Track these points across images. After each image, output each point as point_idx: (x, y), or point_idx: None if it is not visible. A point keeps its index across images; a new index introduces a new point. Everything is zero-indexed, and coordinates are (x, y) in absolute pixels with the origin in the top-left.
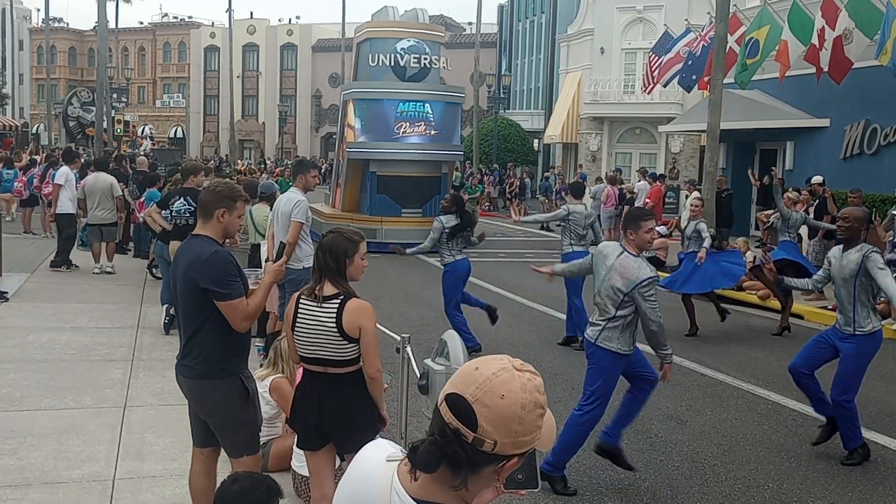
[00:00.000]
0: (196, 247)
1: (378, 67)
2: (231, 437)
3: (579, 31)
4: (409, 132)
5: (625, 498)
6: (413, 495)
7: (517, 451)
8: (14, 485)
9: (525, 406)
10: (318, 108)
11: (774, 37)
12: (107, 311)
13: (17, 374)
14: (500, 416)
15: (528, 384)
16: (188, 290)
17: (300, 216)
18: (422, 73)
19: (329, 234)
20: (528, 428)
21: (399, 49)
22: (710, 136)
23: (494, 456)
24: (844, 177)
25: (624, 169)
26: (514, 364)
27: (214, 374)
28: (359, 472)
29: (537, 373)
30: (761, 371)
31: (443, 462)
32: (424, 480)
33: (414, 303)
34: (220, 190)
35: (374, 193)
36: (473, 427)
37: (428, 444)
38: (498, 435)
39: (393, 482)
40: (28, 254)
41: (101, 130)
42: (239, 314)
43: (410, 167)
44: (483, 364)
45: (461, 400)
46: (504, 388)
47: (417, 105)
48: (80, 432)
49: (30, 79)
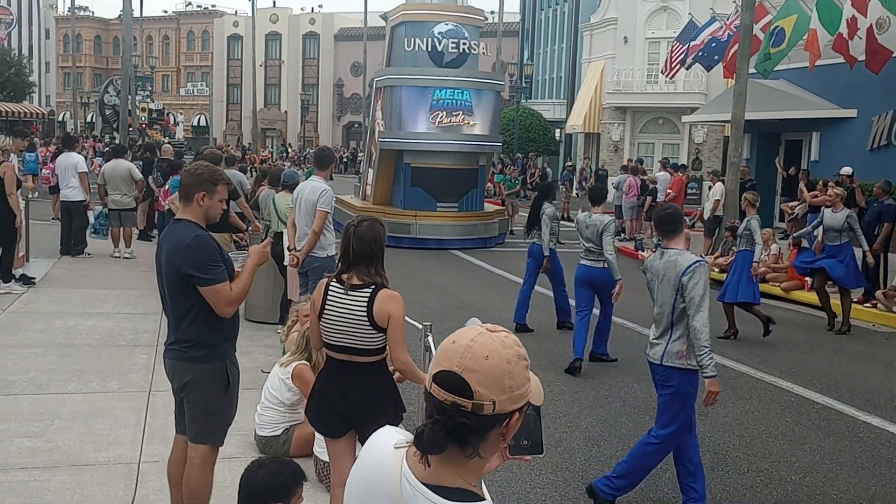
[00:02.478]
0: (178, 232)
1: (414, 52)
2: (199, 423)
3: (602, 19)
4: (445, 122)
5: (646, 488)
6: (425, 482)
7: (516, 406)
8: (42, 466)
9: (510, 360)
10: (340, 97)
11: (802, 26)
12: (132, 297)
13: (44, 358)
14: (490, 375)
15: (506, 340)
16: (172, 275)
17: (326, 205)
18: (460, 58)
19: (364, 223)
20: (519, 380)
21: (436, 33)
22: (734, 126)
23: (497, 416)
24: (872, 168)
25: (646, 160)
26: (487, 328)
27: (201, 357)
28: (371, 458)
29: (510, 332)
30: (784, 363)
31: (449, 438)
32: (435, 465)
33: (434, 292)
34: (200, 173)
35: (407, 186)
36: (469, 395)
37: (430, 425)
38: (494, 394)
39: (403, 470)
40: (55, 240)
41: (125, 118)
42: (222, 299)
43: (447, 158)
44: (458, 336)
45: (450, 374)
46: (486, 350)
47: (455, 92)
48: (107, 416)
49: (56, 67)
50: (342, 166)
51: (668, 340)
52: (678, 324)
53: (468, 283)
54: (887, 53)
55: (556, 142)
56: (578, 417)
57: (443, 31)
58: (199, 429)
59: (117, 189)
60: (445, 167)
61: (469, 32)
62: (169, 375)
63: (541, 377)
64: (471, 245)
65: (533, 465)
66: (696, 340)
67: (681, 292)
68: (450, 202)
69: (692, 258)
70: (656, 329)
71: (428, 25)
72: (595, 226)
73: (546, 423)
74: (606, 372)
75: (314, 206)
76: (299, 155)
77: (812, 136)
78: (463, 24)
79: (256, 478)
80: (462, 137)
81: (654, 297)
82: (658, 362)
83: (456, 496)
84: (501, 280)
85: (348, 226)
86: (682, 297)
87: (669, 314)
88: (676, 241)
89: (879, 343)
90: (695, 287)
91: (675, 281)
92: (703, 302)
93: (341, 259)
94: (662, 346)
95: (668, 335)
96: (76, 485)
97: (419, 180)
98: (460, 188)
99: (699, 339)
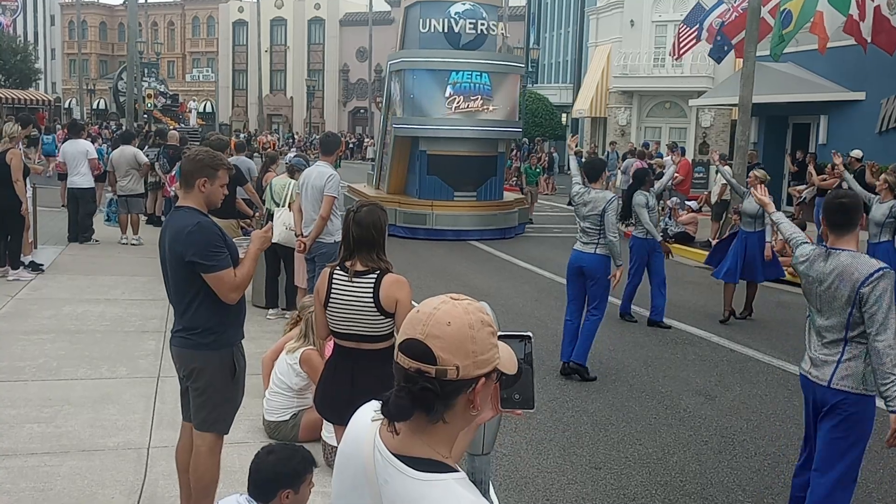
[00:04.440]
0: (180, 219)
1: (429, 34)
2: (206, 410)
3: (609, 3)
4: (463, 107)
5: (653, 472)
6: (395, 452)
7: (482, 371)
8: (52, 451)
9: (473, 325)
10: (346, 82)
11: (809, 8)
12: (140, 284)
13: (53, 344)
14: (453, 341)
15: (469, 307)
16: (176, 263)
17: (333, 191)
18: (478, 40)
19: (363, 208)
20: (484, 346)
21: (453, 13)
22: (741, 109)
23: (461, 382)
24: (880, 151)
25: (652, 144)
26: (451, 296)
27: (209, 344)
28: (351, 432)
29: (475, 300)
30: (791, 347)
31: (415, 406)
32: (405, 435)
33: (442, 278)
34: (200, 158)
35: (423, 174)
36: (433, 361)
37: (395, 392)
38: (458, 359)
39: (375, 441)
40: (63, 227)
41: (132, 104)
42: (226, 285)
43: (465, 145)
44: (423, 306)
45: (413, 341)
46: (448, 316)
47: (473, 76)
48: (116, 401)
49: (61, 53)
50: (348, 152)
51: (840, 360)
52: (853, 341)
53: (480, 271)
54: None
55: (562, 126)
56: (586, 402)
57: (460, 11)
58: (206, 416)
59: (125, 175)
60: (463, 154)
61: (487, 12)
62: (175, 363)
63: (548, 362)
64: (490, 236)
65: (541, 448)
66: (879, 365)
67: (858, 305)
68: (468, 191)
69: (873, 264)
70: (820, 342)
71: (444, 5)
72: (594, 203)
73: (553, 408)
74: (613, 357)
75: (321, 192)
76: (306, 141)
77: (820, 120)
78: (481, 3)
79: (266, 464)
80: (480, 123)
81: (815, 305)
82: (826, 384)
83: (424, 466)
84: (515, 268)
85: (348, 211)
86: (860, 311)
87: (842, 328)
88: (848, 239)
89: None
90: (878, 300)
91: (852, 292)
92: (889, 319)
93: (343, 246)
94: (832, 366)
95: (840, 353)
96: (86, 470)
97: (436, 168)
98: (478, 176)
99: (884, 363)
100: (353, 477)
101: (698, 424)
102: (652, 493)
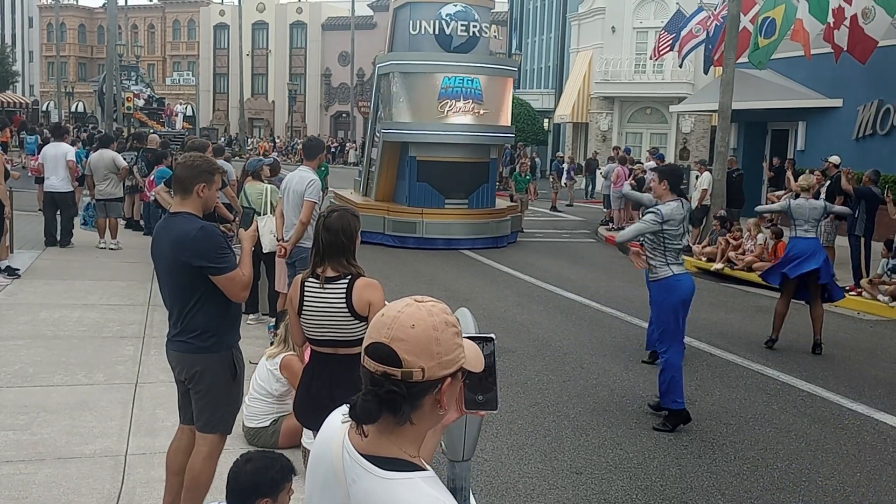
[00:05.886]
0: (179, 225)
1: (419, 36)
2: (209, 412)
3: (590, 9)
4: (454, 111)
5: (633, 476)
6: (363, 452)
7: (448, 372)
8: (27, 459)
9: (437, 327)
10: (328, 86)
11: (790, 16)
12: (118, 289)
13: (29, 350)
14: (417, 343)
15: (433, 309)
16: (179, 269)
17: (313, 195)
18: (470, 42)
19: (335, 213)
20: (448, 346)
21: (444, 15)
22: (721, 116)
23: (428, 383)
24: (857, 157)
25: (634, 149)
26: (416, 299)
27: (210, 347)
28: (321, 435)
29: (439, 301)
30: (770, 352)
31: (382, 408)
32: (373, 436)
33: (423, 281)
34: (198, 164)
35: (413, 181)
36: (398, 364)
37: (363, 395)
38: (423, 361)
39: (344, 442)
40: (39, 231)
41: (111, 108)
42: (237, 285)
43: (456, 151)
44: (387, 309)
45: (378, 345)
46: (412, 319)
47: (465, 80)
48: (93, 408)
49: (39, 56)
50: (330, 157)
51: None
52: None
53: (462, 276)
54: (872, 43)
55: (544, 132)
56: (567, 406)
57: (451, 13)
58: (209, 418)
59: (103, 179)
60: (454, 160)
61: (479, 14)
62: (174, 367)
63: (530, 367)
64: (482, 245)
65: (521, 454)
66: None
67: None
68: (459, 198)
69: None
70: None
71: (435, 6)
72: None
73: (534, 413)
74: (594, 361)
75: (301, 197)
76: (287, 145)
77: (798, 126)
78: (472, 4)
79: (244, 472)
80: (472, 128)
81: None
82: None
83: (391, 465)
84: (499, 274)
85: (319, 217)
86: None
87: None
88: None
89: (864, 331)
90: None
91: None
92: None
93: (313, 252)
94: None
95: None
96: (62, 478)
97: (426, 175)
98: (470, 183)
99: None
100: (323, 477)
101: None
102: (633, 497)
